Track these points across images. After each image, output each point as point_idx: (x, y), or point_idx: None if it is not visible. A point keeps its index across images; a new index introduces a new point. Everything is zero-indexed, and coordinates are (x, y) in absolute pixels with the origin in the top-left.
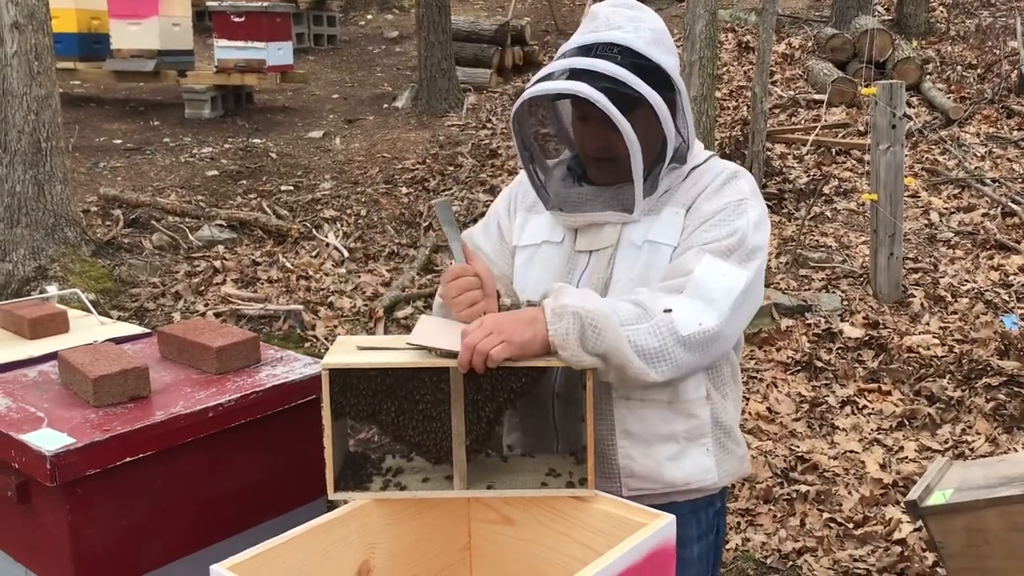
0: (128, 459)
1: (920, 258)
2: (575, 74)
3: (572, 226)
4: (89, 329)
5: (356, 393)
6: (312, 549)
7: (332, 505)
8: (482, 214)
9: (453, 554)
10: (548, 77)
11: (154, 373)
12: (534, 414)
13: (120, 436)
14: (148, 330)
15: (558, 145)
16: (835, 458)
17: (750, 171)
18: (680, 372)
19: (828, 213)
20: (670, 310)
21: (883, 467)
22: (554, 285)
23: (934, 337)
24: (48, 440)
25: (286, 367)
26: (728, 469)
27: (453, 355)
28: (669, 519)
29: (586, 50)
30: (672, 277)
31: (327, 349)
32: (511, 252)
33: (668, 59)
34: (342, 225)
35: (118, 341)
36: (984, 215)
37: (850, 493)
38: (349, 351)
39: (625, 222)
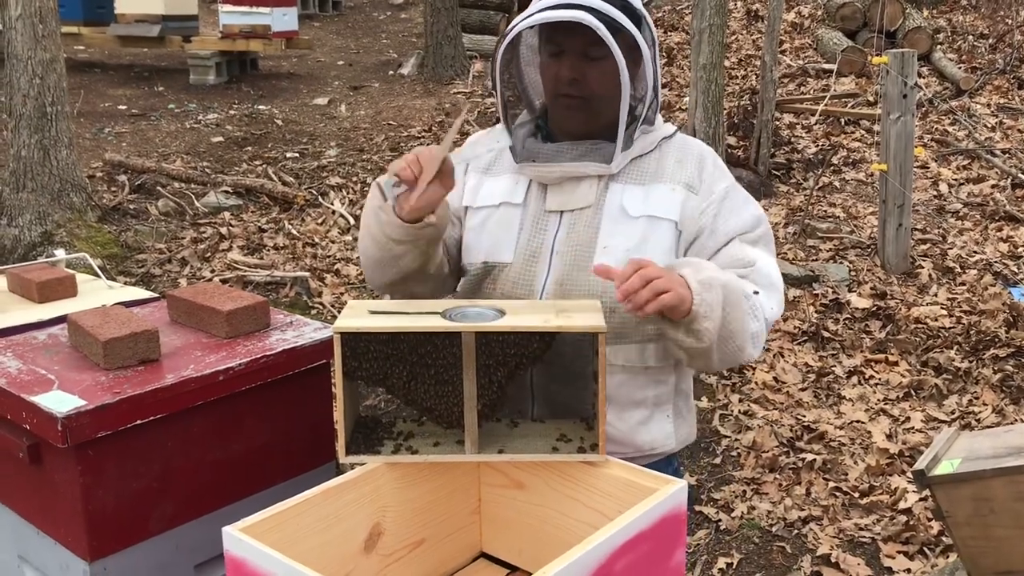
0: (139, 421)
1: (928, 229)
2: (570, 6)
3: (544, 179)
4: (97, 293)
5: (368, 357)
6: (324, 512)
7: (341, 469)
8: None
9: (463, 518)
10: (543, 9)
11: (164, 337)
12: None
13: (130, 399)
14: (157, 294)
15: (520, 100)
16: (841, 428)
17: (758, 140)
18: (760, 347)
19: (836, 183)
20: (757, 292)
21: (889, 437)
22: (673, 261)
23: (942, 308)
24: (59, 402)
25: (296, 332)
26: (682, 435)
27: None
28: (680, 484)
29: None
30: (727, 266)
31: (334, 316)
32: (450, 214)
33: (643, 8)
34: (348, 192)
35: (127, 305)
36: (994, 186)
37: (856, 462)
38: (361, 315)
39: (601, 175)
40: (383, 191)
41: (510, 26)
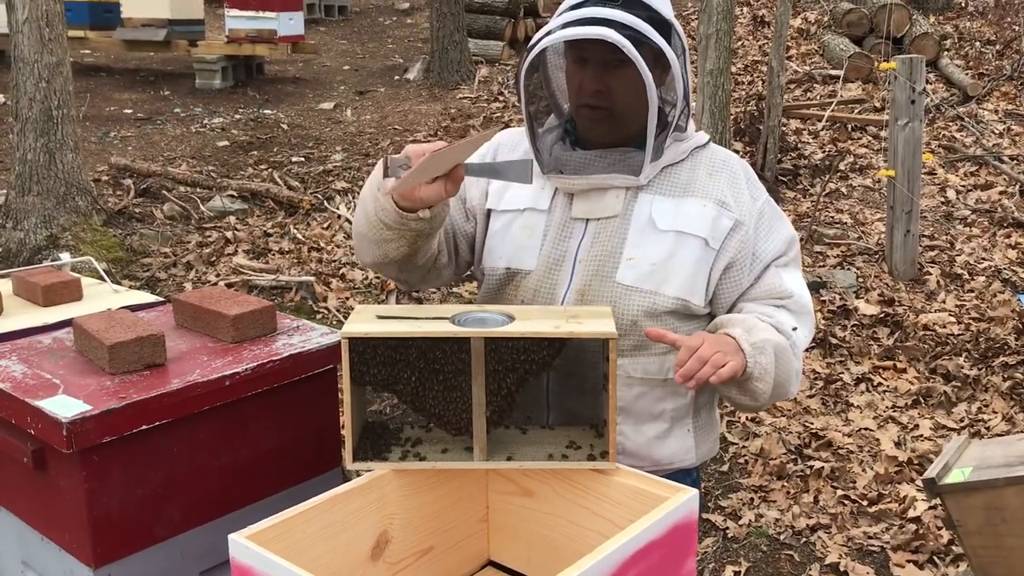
0: (144, 427)
1: (936, 236)
2: (597, 22)
3: (571, 190)
4: (103, 297)
5: (376, 362)
6: (331, 519)
7: (348, 476)
8: None
9: (471, 525)
10: (568, 25)
11: (169, 341)
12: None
13: (136, 403)
14: (162, 298)
15: (547, 108)
16: (849, 435)
17: (765, 146)
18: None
19: (843, 189)
20: (796, 329)
21: (898, 445)
22: (723, 318)
23: (950, 315)
24: (64, 407)
25: (303, 336)
26: (704, 450)
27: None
28: (692, 493)
29: (588, 1)
30: (765, 297)
31: (339, 321)
32: (467, 203)
33: (671, 15)
34: (353, 197)
35: (133, 309)
36: (1002, 193)
37: (864, 470)
38: (369, 320)
39: (632, 186)
40: (387, 167)
41: (534, 40)
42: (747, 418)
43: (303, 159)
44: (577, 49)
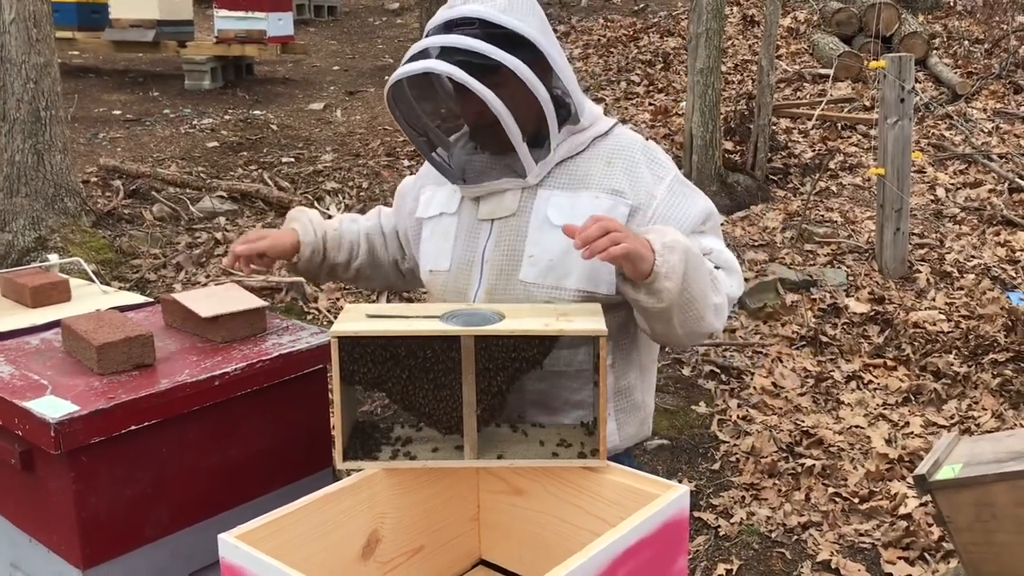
0: (133, 427)
1: (926, 234)
2: (434, 53)
3: (474, 196)
4: (91, 298)
5: (365, 361)
6: (321, 518)
7: (338, 476)
8: None
9: (462, 524)
10: (413, 58)
11: (158, 341)
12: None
13: (125, 404)
14: (151, 299)
15: (455, 120)
16: (840, 433)
17: (755, 145)
18: (717, 328)
19: (833, 188)
20: (719, 268)
21: (889, 442)
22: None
23: (940, 313)
24: (52, 407)
25: (292, 336)
26: (629, 432)
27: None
28: (683, 490)
29: (445, 27)
30: None
31: (330, 321)
32: (406, 221)
33: (524, 23)
34: (344, 197)
35: (121, 310)
36: (991, 191)
37: (855, 468)
38: (358, 319)
39: (523, 187)
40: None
41: (389, 80)
42: (738, 417)
43: (293, 160)
44: (450, 80)
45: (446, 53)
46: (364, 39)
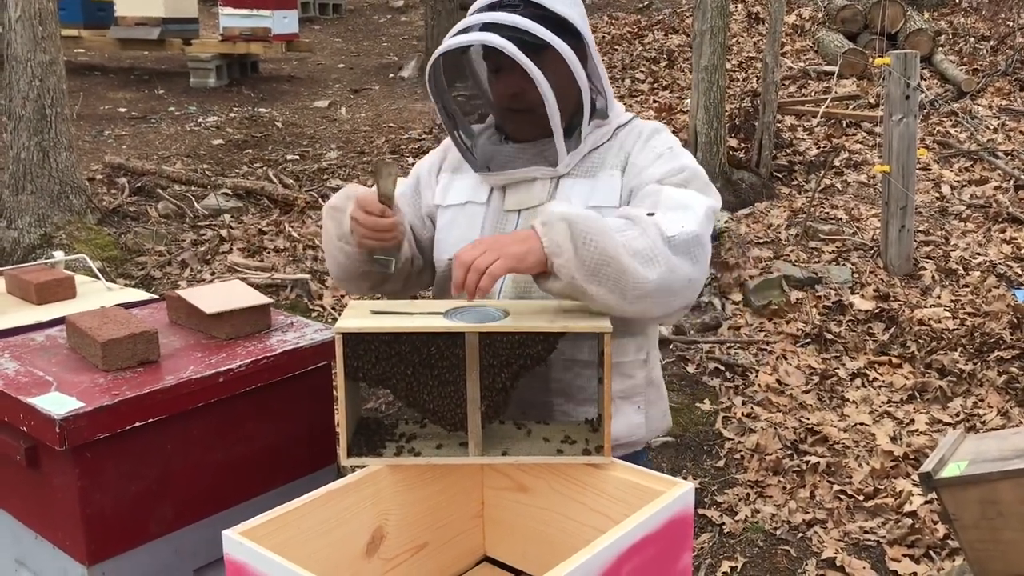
0: (138, 423)
1: (931, 231)
2: (482, 28)
3: (499, 184)
4: (96, 295)
5: (370, 358)
6: (325, 515)
7: (342, 472)
8: None
9: (467, 521)
10: (459, 33)
11: (163, 338)
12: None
13: (129, 400)
14: (156, 296)
15: (481, 108)
16: (845, 430)
17: (760, 143)
18: (673, 275)
19: (838, 185)
20: (652, 214)
21: (893, 440)
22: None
23: (945, 310)
24: (57, 404)
25: (297, 333)
26: (654, 426)
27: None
28: (687, 487)
29: (490, 7)
30: (639, 205)
31: (334, 319)
32: (423, 210)
33: (570, 10)
34: None
35: (126, 307)
36: (996, 188)
37: (860, 465)
38: (363, 315)
39: (552, 176)
40: (379, 265)
41: (434, 53)
42: (743, 414)
43: (298, 157)
44: (489, 59)
45: (496, 29)
46: (369, 37)
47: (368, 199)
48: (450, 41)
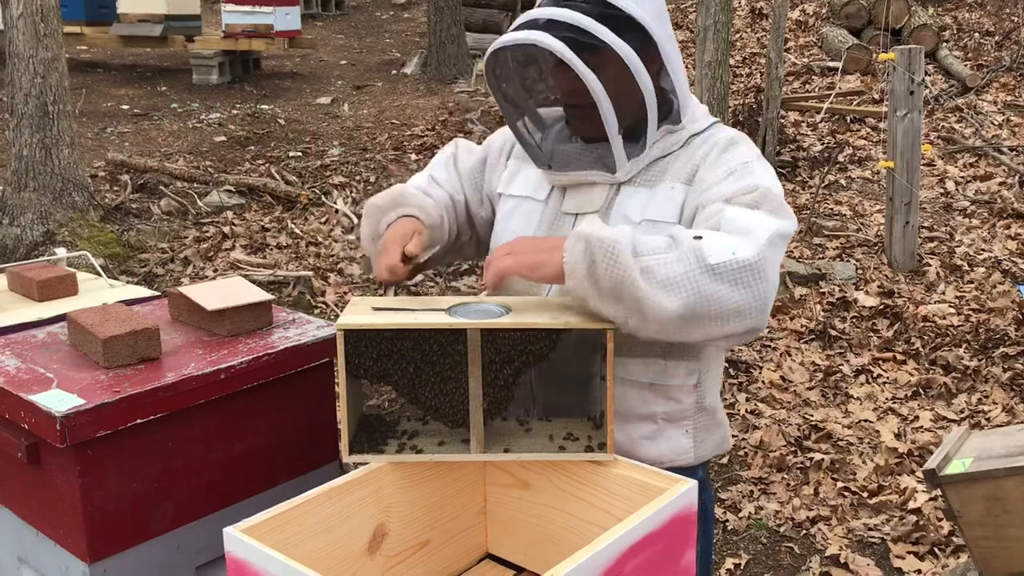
0: (139, 421)
1: (936, 227)
2: (541, 24)
3: (559, 184)
4: (98, 292)
5: (371, 354)
6: (327, 512)
7: (344, 469)
8: None
9: (469, 518)
10: (517, 28)
11: (164, 335)
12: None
13: (130, 397)
14: (158, 293)
15: (552, 100)
16: (849, 427)
17: (763, 139)
18: (707, 303)
19: (843, 181)
20: (700, 237)
21: (898, 436)
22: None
23: (950, 306)
24: (58, 401)
25: (299, 330)
26: (706, 449)
27: None
28: (691, 484)
29: (555, 1)
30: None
31: (337, 316)
32: (484, 188)
33: (640, 7)
34: (351, 192)
35: (128, 303)
36: (1001, 184)
37: (864, 462)
38: (364, 312)
39: (611, 183)
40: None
41: (488, 49)
42: (747, 411)
43: (300, 154)
44: (550, 54)
45: (553, 26)
46: (371, 33)
47: (398, 250)
48: (504, 37)
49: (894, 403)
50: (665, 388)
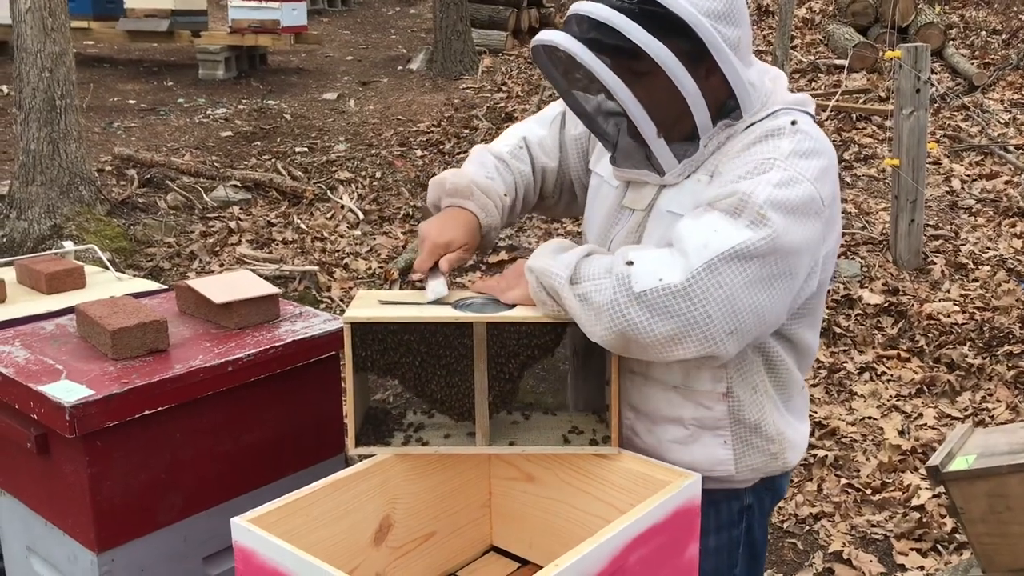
0: (147, 412)
1: (941, 225)
2: (575, 19)
3: (620, 179)
4: (106, 285)
5: (378, 347)
6: (333, 503)
7: (350, 461)
8: None
9: (474, 510)
10: (565, 21)
11: (172, 327)
12: (553, 372)
13: (139, 389)
14: (165, 286)
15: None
16: (853, 424)
17: None
18: (635, 331)
19: (848, 179)
20: (631, 263)
21: (902, 434)
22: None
23: (955, 304)
24: (67, 392)
25: (305, 323)
26: (751, 464)
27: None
28: (694, 477)
29: None
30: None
31: (343, 310)
32: (588, 155)
33: (691, 5)
34: (357, 187)
35: (136, 296)
36: (1007, 182)
37: (868, 459)
38: (371, 305)
39: (662, 184)
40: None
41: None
42: None
43: (306, 149)
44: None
45: (583, 24)
46: (377, 29)
47: (432, 260)
48: (537, 36)
49: (898, 400)
50: (691, 392)
